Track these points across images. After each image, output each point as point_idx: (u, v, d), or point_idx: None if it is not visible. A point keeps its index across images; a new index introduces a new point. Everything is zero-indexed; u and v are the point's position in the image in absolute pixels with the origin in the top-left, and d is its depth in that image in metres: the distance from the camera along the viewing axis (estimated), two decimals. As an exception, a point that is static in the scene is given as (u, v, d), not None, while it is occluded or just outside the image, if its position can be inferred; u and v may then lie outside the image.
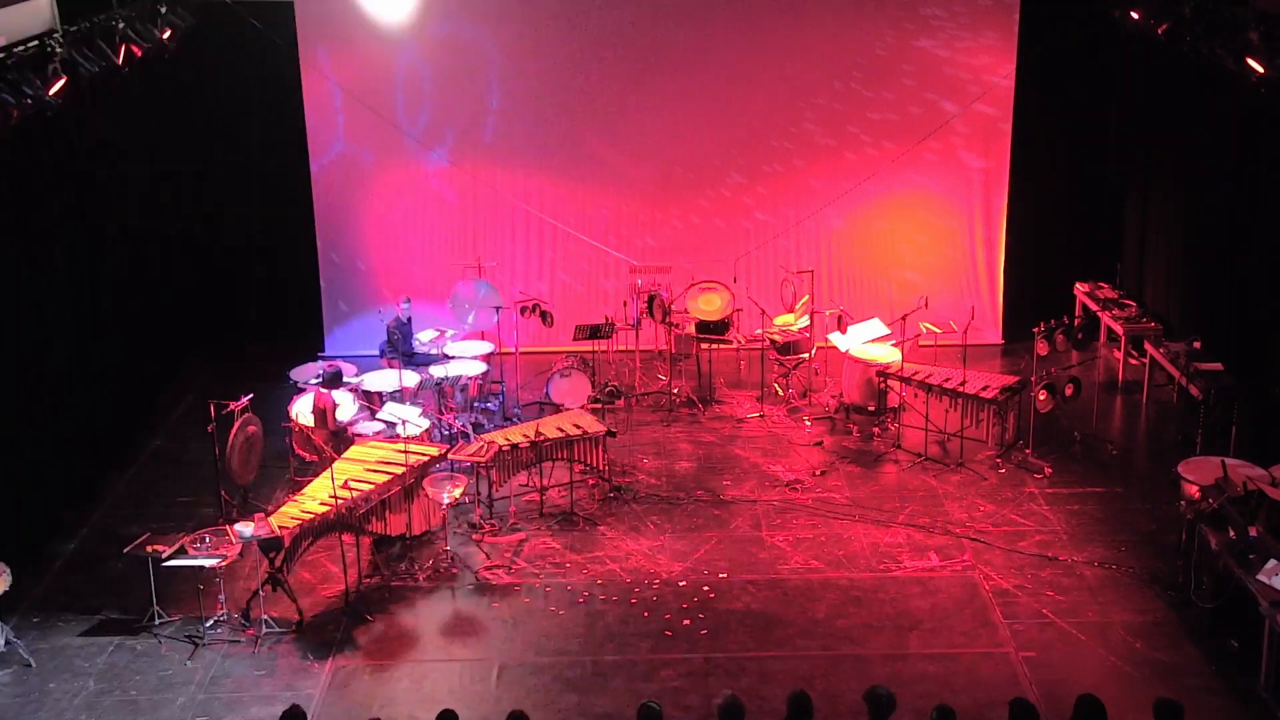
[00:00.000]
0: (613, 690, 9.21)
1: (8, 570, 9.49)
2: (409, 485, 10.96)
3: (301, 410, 12.23)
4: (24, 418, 10.90)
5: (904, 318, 13.15)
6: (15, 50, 10.36)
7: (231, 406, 11.39)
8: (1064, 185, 15.52)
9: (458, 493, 10.82)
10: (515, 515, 11.63)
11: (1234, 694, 9.02)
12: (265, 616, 9.96)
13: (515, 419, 13.32)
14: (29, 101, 10.13)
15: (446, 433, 12.52)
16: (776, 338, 13.89)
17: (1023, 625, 9.88)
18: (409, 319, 13.50)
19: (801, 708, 7.11)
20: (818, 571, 10.71)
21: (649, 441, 13.18)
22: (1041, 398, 12.70)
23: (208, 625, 9.94)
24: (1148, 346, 13.83)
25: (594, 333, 13.82)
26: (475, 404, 13.32)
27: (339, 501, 10.19)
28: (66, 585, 10.66)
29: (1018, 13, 14.69)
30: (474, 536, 11.31)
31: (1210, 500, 9.88)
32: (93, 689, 9.29)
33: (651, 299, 14.06)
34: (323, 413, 11.93)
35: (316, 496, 10.46)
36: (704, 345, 14.25)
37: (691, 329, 14.09)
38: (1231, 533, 9.47)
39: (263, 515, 10.15)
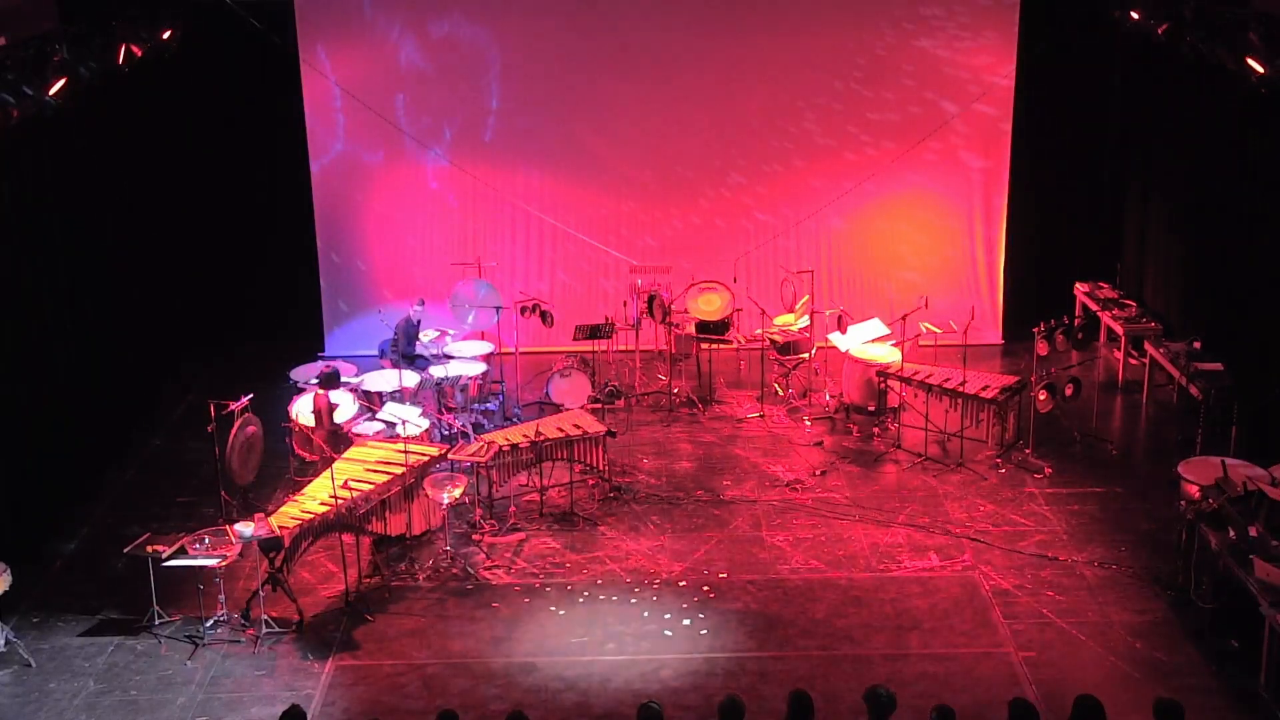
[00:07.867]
0: (613, 690, 9.21)
1: (8, 570, 9.51)
2: (409, 485, 10.96)
3: (301, 410, 12.23)
4: (24, 417, 10.91)
5: (904, 318, 13.15)
6: (15, 50, 10.36)
7: (231, 406, 11.40)
8: (1064, 185, 15.52)
9: (458, 493, 10.83)
10: (515, 515, 11.64)
11: (1234, 694, 9.02)
12: (265, 616, 9.96)
13: (515, 419, 13.32)
14: (29, 101, 10.14)
15: (446, 433, 12.52)
16: (776, 338, 13.89)
17: (1022, 625, 9.88)
18: (419, 321, 13.48)
19: (801, 708, 7.11)
20: (818, 571, 10.71)
21: (649, 441, 13.18)
22: (1041, 398, 12.70)
23: (208, 625, 9.94)
24: (1148, 346, 13.82)
25: (594, 333, 13.82)
26: (475, 404, 13.31)
27: (339, 501, 10.19)
28: (66, 585, 10.66)
29: (1018, 13, 14.67)
30: (474, 536, 11.31)
31: (1210, 500, 9.88)
32: (93, 689, 9.29)
33: (651, 299, 14.05)
34: (320, 413, 11.93)
35: (316, 496, 10.46)
36: (704, 345, 14.25)
37: (691, 329, 14.09)
38: (1231, 533, 9.47)
39: (263, 515, 10.15)
